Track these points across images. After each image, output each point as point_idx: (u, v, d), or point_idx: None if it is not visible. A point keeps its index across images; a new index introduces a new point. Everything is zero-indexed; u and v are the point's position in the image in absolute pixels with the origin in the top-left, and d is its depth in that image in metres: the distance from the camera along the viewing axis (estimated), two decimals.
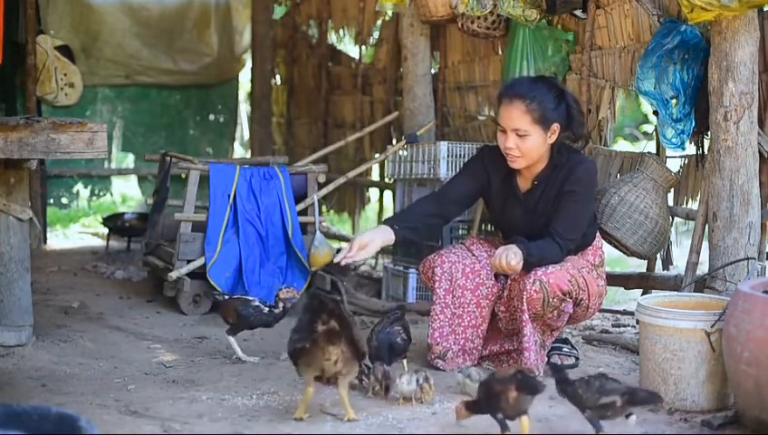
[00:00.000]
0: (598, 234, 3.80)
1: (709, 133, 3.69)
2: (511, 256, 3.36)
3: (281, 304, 3.82)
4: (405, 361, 3.49)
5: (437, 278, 3.68)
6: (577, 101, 3.69)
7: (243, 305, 3.81)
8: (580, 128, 3.65)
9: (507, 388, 2.71)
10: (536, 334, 3.53)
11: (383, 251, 6.46)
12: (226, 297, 3.94)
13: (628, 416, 2.81)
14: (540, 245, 3.50)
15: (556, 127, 3.56)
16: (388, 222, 3.67)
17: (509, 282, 3.66)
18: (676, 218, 4.19)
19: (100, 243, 7.00)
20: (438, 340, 3.66)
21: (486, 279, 3.68)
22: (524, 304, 3.47)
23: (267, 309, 3.81)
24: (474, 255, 3.72)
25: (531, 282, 3.44)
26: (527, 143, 3.54)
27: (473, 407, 2.82)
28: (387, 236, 3.59)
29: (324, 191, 5.18)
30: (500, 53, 5.23)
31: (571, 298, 3.49)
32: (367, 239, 3.54)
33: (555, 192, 3.59)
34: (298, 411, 2.96)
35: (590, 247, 3.73)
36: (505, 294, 3.68)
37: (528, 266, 3.45)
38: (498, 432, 2.75)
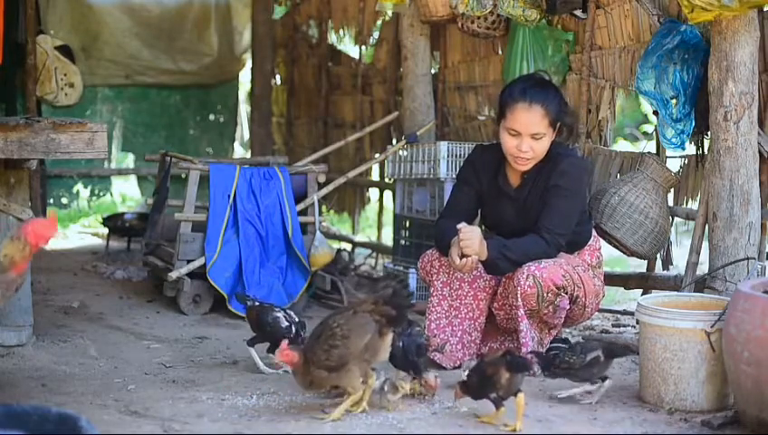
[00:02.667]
0: (596, 235, 3.81)
1: (709, 133, 3.69)
2: (454, 251, 3.42)
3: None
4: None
5: (435, 271, 3.70)
6: (560, 91, 3.73)
7: (264, 312, 3.61)
8: (569, 118, 3.68)
9: (498, 369, 2.83)
10: (533, 330, 3.53)
11: (383, 251, 6.49)
12: (256, 303, 3.73)
13: (604, 380, 3.05)
14: (520, 242, 3.51)
15: (559, 125, 3.59)
16: (452, 236, 3.53)
17: (504, 279, 3.67)
18: (676, 218, 4.18)
19: (100, 243, 7.00)
20: (435, 332, 3.67)
21: (484, 272, 3.68)
22: (519, 299, 3.48)
23: (287, 324, 3.57)
24: None
25: (524, 277, 3.45)
26: (541, 145, 3.55)
27: (465, 388, 2.93)
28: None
29: (324, 191, 5.18)
30: (500, 53, 5.22)
31: (566, 293, 3.49)
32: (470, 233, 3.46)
33: (543, 186, 3.60)
34: (362, 406, 2.97)
35: (587, 248, 3.73)
36: (500, 291, 3.69)
37: (499, 263, 3.47)
38: (497, 433, 2.77)
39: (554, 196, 3.56)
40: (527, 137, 3.53)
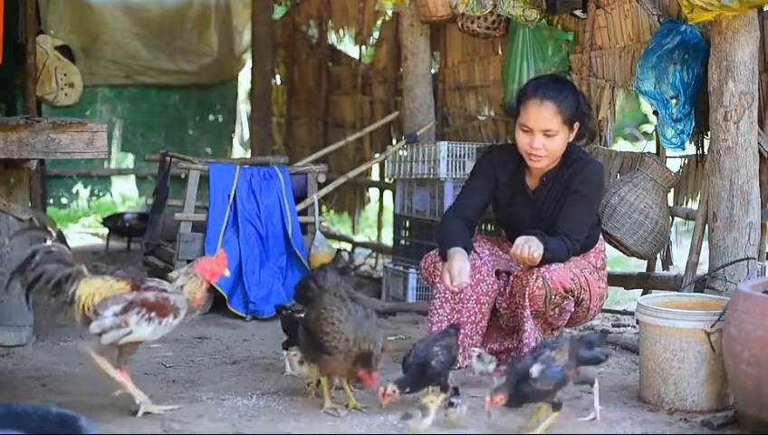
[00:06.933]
0: (601, 237, 3.81)
1: (709, 133, 3.69)
2: (534, 248, 3.36)
3: None
4: None
5: (438, 273, 3.68)
6: (583, 95, 3.76)
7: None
8: (589, 123, 3.71)
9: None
10: (537, 331, 3.53)
11: (383, 251, 6.49)
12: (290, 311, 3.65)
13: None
14: (553, 242, 3.50)
15: (577, 126, 3.59)
16: (451, 246, 3.54)
17: (511, 278, 3.66)
18: (676, 218, 4.18)
19: (100, 243, 7.00)
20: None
21: (487, 276, 3.68)
22: (526, 300, 3.47)
23: None
24: (475, 251, 3.72)
25: (534, 278, 3.45)
26: (554, 143, 3.54)
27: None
28: (465, 257, 3.52)
29: (324, 191, 5.19)
30: (500, 53, 5.22)
31: (573, 296, 3.49)
32: (458, 267, 3.44)
33: (562, 190, 3.60)
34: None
35: (593, 250, 3.73)
36: (507, 290, 3.68)
37: (542, 262, 3.45)
38: (496, 433, 2.77)
39: (575, 202, 3.56)
40: (539, 133, 3.52)
